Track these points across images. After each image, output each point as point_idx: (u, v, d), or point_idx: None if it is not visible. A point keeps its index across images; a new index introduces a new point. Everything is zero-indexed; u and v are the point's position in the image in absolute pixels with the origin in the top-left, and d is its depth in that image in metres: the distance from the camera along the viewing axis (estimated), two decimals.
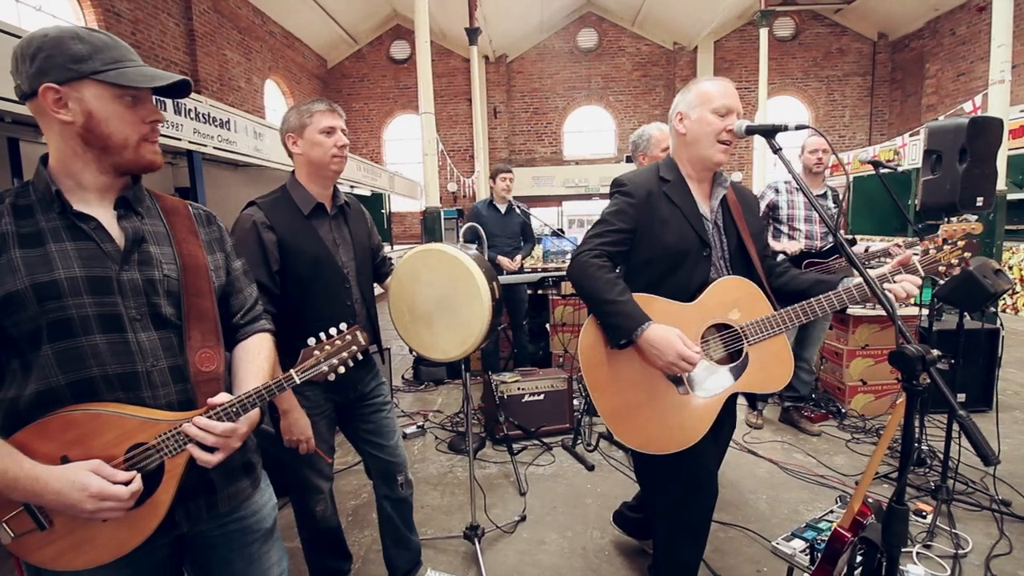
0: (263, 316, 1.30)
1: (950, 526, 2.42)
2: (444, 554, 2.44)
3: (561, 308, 4.81)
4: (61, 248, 0.99)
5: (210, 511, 1.12)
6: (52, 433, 0.96)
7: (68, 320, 0.97)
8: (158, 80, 1.02)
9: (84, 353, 0.98)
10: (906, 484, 1.14)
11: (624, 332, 1.53)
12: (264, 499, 1.24)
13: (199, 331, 1.09)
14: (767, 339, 1.58)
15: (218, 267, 1.19)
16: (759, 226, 1.80)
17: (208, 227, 1.21)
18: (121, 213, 1.06)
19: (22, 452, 0.94)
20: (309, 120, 1.77)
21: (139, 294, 1.04)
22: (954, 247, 1.56)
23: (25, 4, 7.00)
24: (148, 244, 1.07)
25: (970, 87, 10.88)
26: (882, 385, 3.83)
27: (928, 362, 1.06)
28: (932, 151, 2.84)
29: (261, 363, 1.20)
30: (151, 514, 1.01)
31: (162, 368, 1.04)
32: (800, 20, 14.13)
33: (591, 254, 1.61)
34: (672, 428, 1.60)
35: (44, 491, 0.93)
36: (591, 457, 3.30)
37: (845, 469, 3.07)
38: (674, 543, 1.80)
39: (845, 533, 1.67)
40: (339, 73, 14.95)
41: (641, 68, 14.75)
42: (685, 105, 1.66)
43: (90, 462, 0.96)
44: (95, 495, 0.93)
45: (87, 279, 0.99)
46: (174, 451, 1.02)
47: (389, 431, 2.03)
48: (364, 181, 8.77)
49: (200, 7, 9.26)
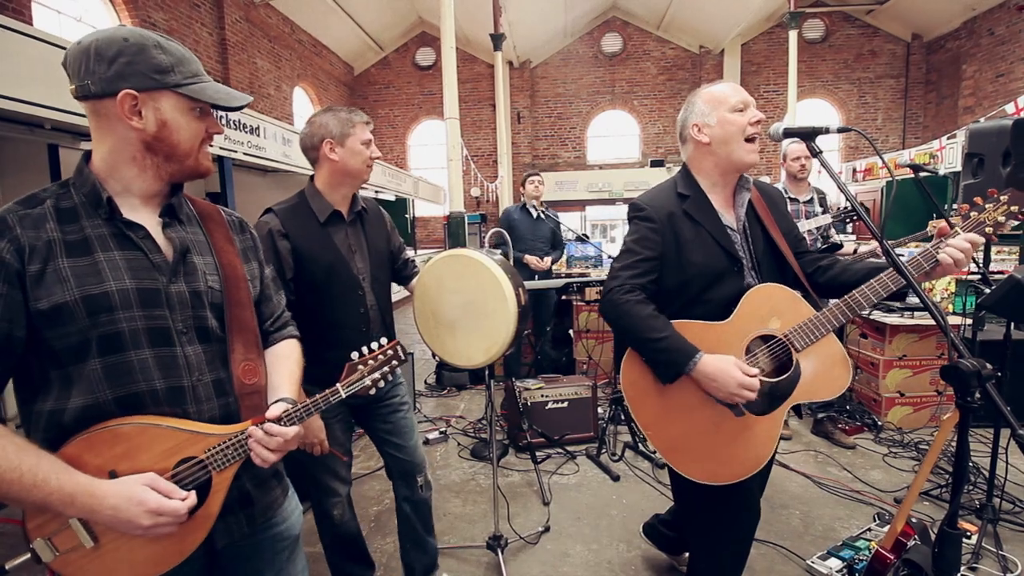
0: (291, 323, 1.30)
1: (996, 547, 2.30)
2: (466, 564, 2.41)
3: (585, 314, 4.75)
4: (110, 258, 0.96)
5: (249, 524, 1.11)
6: (100, 447, 0.94)
7: (119, 334, 0.95)
8: (234, 100, 1.05)
9: (132, 368, 0.96)
10: (959, 507, 1.07)
11: (675, 368, 1.46)
12: (292, 506, 1.24)
13: (241, 343, 1.09)
14: (816, 342, 1.48)
15: (254, 276, 1.18)
16: (789, 223, 1.70)
17: (242, 235, 1.20)
18: (166, 221, 1.05)
19: (73, 466, 0.91)
20: (351, 130, 1.81)
21: (186, 307, 1.02)
22: (997, 203, 1.38)
23: (66, 15, 7.25)
24: (192, 255, 1.06)
25: (1010, 88, 10.50)
26: (921, 397, 3.69)
27: (984, 378, 1.00)
28: (974, 154, 2.73)
29: (292, 368, 1.20)
30: (197, 529, 1.00)
31: (207, 382, 1.03)
32: (830, 21, 13.84)
33: (622, 291, 1.53)
34: (735, 455, 1.51)
35: (100, 507, 0.90)
36: (616, 467, 3.24)
37: (882, 484, 2.95)
38: (712, 566, 1.71)
39: (887, 554, 1.60)
40: (365, 80, 15.15)
41: (666, 72, 14.61)
42: (698, 115, 1.57)
43: (144, 476, 0.94)
44: (153, 510, 0.91)
45: (137, 291, 0.97)
46: (223, 465, 1.01)
47: (407, 431, 2.03)
48: (389, 186, 8.84)
49: (232, 17, 9.48)
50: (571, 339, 4.99)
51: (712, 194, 1.62)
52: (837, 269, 1.61)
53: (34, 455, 0.88)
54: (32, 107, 3.01)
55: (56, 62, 3.69)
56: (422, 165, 15.11)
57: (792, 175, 3.36)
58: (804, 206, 3.26)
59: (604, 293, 1.59)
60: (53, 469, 0.89)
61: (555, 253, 4.84)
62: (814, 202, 3.38)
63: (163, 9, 8.18)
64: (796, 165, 3.33)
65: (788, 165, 3.35)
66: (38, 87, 3.03)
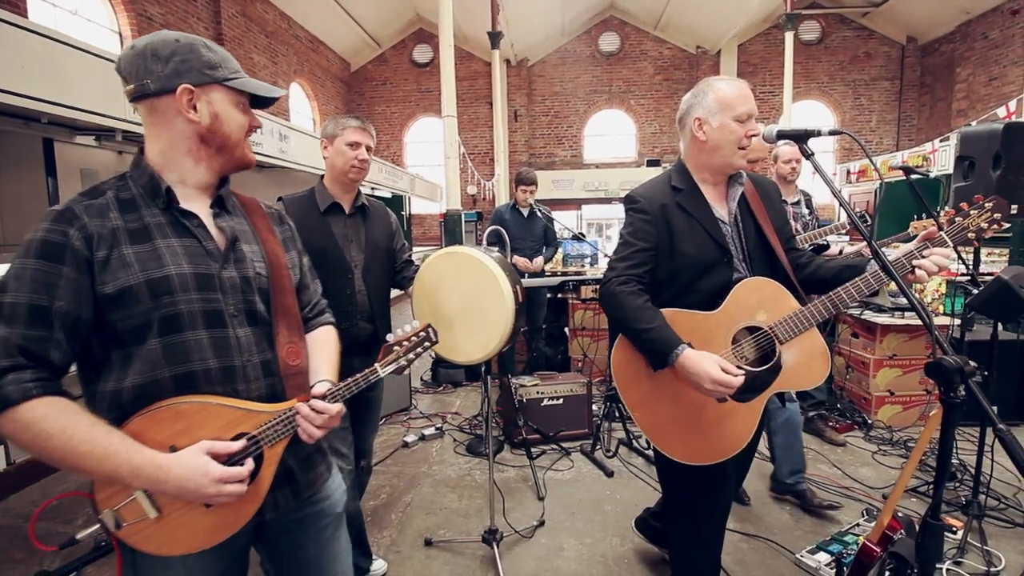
0: (327, 310, 1.37)
1: (981, 542, 2.35)
2: (462, 557, 2.44)
3: (581, 312, 4.79)
4: (168, 244, 1.03)
5: (295, 498, 1.17)
6: (162, 424, 1.00)
7: (178, 315, 1.01)
8: (272, 92, 1.15)
9: (189, 347, 1.02)
10: (942, 499, 1.11)
11: (660, 357, 1.52)
12: (336, 483, 1.29)
13: (285, 327, 1.15)
14: (799, 335, 1.54)
15: (294, 264, 1.24)
16: (782, 218, 1.74)
17: (281, 225, 1.28)
18: (216, 212, 1.12)
19: (137, 440, 0.97)
20: (340, 132, 1.99)
21: (237, 291, 1.09)
22: (981, 209, 1.44)
23: (61, 8, 7.21)
24: (240, 243, 1.13)
25: (1003, 92, 10.59)
26: (910, 396, 3.74)
27: (967, 374, 1.03)
28: (965, 157, 2.77)
29: (330, 352, 1.26)
30: (252, 500, 1.06)
31: (255, 363, 1.09)
32: (826, 24, 13.91)
33: (618, 281, 1.59)
34: (716, 438, 1.58)
35: (167, 478, 0.95)
36: (610, 463, 3.28)
37: (871, 481, 3.00)
38: (685, 547, 1.80)
39: (874, 548, 1.63)
40: (362, 76, 15.12)
41: (663, 72, 14.65)
42: (704, 111, 1.60)
43: (201, 444, 0.99)
44: (217, 478, 0.97)
45: (194, 276, 1.03)
46: (273, 440, 1.07)
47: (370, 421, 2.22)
48: (385, 183, 8.85)
49: (229, 11, 9.45)
50: (566, 337, 5.02)
51: (705, 187, 1.66)
52: (813, 266, 1.68)
53: (105, 429, 0.94)
54: (28, 100, 3.00)
55: (52, 56, 3.69)
56: (418, 162, 15.10)
57: (782, 177, 3.33)
58: (792, 208, 3.28)
59: (602, 283, 1.65)
60: (122, 443, 0.94)
61: (548, 251, 4.85)
62: (801, 204, 3.39)
63: (159, 3, 8.14)
64: (787, 167, 3.30)
65: (779, 167, 3.30)
66: (34, 80, 3.03)
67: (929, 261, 1.40)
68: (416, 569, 2.37)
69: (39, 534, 2.65)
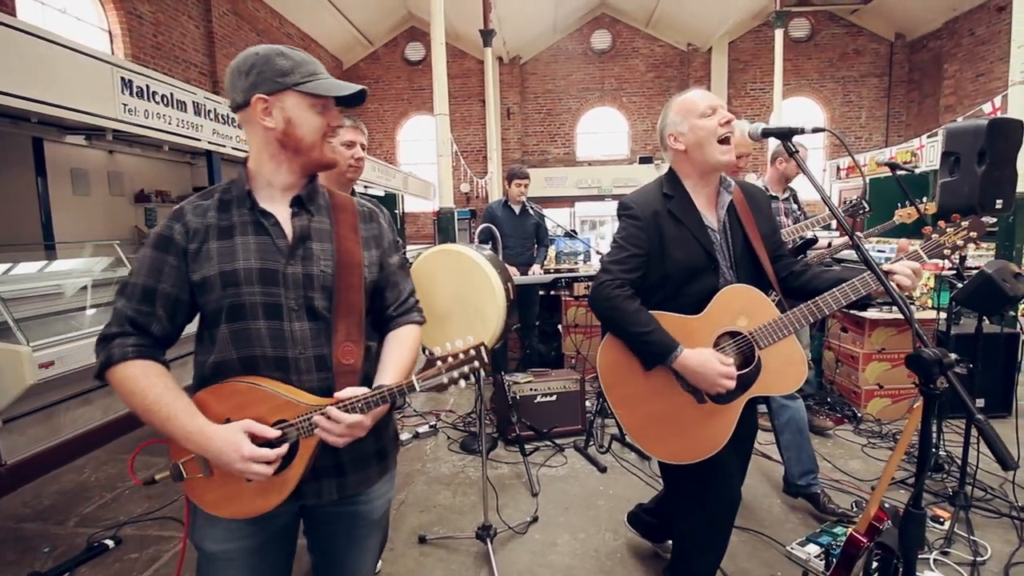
0: (415, 309, 1.37)
1: (968, 533, 2.39)
2: (456, 553, 2.46)
3: (574, 309, 4.81)
4: (245, 241, 1.14)
5: (340, 491, 1.21)
6: (222, 397, 1.12)
7: (241, 305, 1.12)
8: (344, 90, 1.17)
9: (251, 334, 1.12)
10: (923, 489, 1.14)
11: (658, 359, 1.57)
12: (383, 489, 1.31)
13: (345, 325, 1.18)
14: (777, 342, 1.58)
15: (372, 263, 1.26)
16: (770, 226, 1.77)
17: (369, 224, 1.29)
18: (295, 211, 1.18)
19: (200, 409, 1.10)
20: None
21: (299, 287, 1.14)
22: (958, 228, 1.50)
23: (50, 7, 7.15)
24: (312, 241, 1.18)
25: (989, 88, 10.70)
26: (899, 389, 3.79)
27: (945, 366, 1.06)
28: (950, 153, 2.80)
29: (404, 352, 1.27)
30: (282, 486, 1.12)
31: (308, 356, 1.14)
32: (816, 21, 13.99)
33: (613, 285, 1.61)
34: (695, 438, 1.62)
35: (209, 446, 1.07)
36: (603, 459, 3.30)
37: (860, 474, 3.04)
38: (693, 550, 1.81)
39: (861, 538, 1.66)
40: (354, 74, 15.05)
41: (655, 69, 14.69)
42: (672, 126, 1.66)
43: (243, 422, 1.09)
44: (246, 456, 1.05)
45: (260, 270, 1.13)
46: (308, 432, 1.11)
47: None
48: (378, 181, 8.83)
49: (219, 10, 9.39)
50: (560, 334, 5.04)
51: (695, 195, 1.69)
52: (808, 276, 1.70)
53: (173, 395, 1.09)
54: (17, 100, 2.99)
55: (41, 55, 3.66)
56: (411, 160, 15.07)
57: (787, 177, 3.31)
58: (783, 203, 3.30)
59: (595, 285, 1.66)
60: (184, 409, 1.09)
61: (541, 251, 4.85)
62: (790, 199, 3.42)
63: (149, 1, 8.08)
64: (796, 169, 3.30)
65: (787, 167, 3.25)
66: (23, 80, 3.01)
67: (900, 265, 1.44)
68: (410, 566, 2.39)
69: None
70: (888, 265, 1.46)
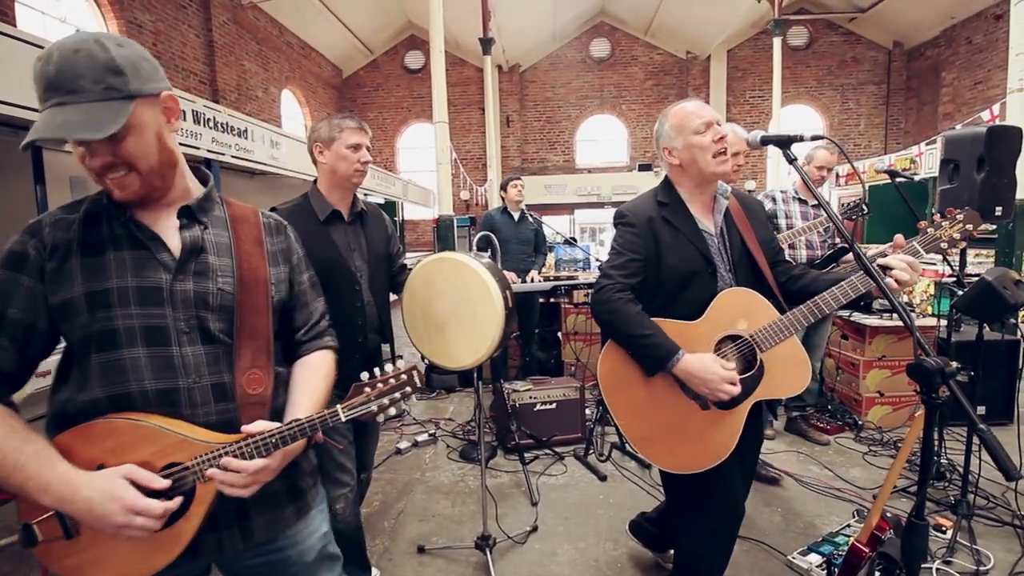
0: (327, 332, 1.24)
1: (971, 542, 2.37)
2: (455, 564, 2.44)
3: (573, 316, 4.80)
4: (119, 256, 0.98)
5: (245, 540, 1.05)
6: (94, 439, 0.94)
7: (113, 331, 0.95)
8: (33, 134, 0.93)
9: (125, 366, 0.96)
10: (926, 498, 1.12)
11: (659, 363, 1.55)
12: (309, 529, 1.14)
13: (250, 350, 1.04)
14: (779, 344, 1.57)
15: (280, 280, 1.13)
16: (767, 232, 1.77)
17: (275, 237, 1.17)
18: (184, 223, 1.03)
19: (64, 455, 0.92)
20: (339, 134, 1.88)
21: (189, 306, 1.00)
22: (953, 221, 1.48)
23: (50, 16, 7.19)
24: (207, 254, 1.04)
25: (987, 95, 10.75)
26: (900, 397, 3.77)
27: (947, 375, 1.05)
28: (949, 160, 2.81)
29: (317, 382, 1.14)
30: (172, 542, 0.96)
31: (204, 386, 1.00)
32: (814, 29, 14.08)
33: (614, 289, 1.61)
34: (699, 446, 1.60)
35: (74, 497, 0.88)
36: (603, 467, 3.28)
37: (862, 482, 3.02)
38: (696, 562, 1.78)
39: (863, 548, 1.65)
40: (354, 83, 15.14)
41: (654, 77, 14.77)
42: (667, 140, 1.67)
43: (123, 467, 0.92)
44: (128, 507, 0.88)
45: (137, 289, 0.97)
46: (207, 476, 0.96)
47: (371, 433, 2.15)
48: (378, 189, 8.85)
49: (220, 19, 9.44)
50: (559, 341, 5.03)
51: (691, 203, 1.70)
52: (808, 279, 1.69)
53: (21, 439, 0.90)
54: (16, 109, 3.00)
55: None
56: (411, 168, 15.12)
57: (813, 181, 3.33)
58: (812, 209, 3.31)
59: (596, 290, 1.66)
60: (36, 455, 0.90)
61: (539, 259, 4.86)
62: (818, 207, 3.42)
63: (149, 11, 8.13)
64: (818, 174, 3.28)
65: (809, 170, 3.28)
66: (22, 89, 3.02)
67: (895, 259, 1.42)
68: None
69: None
70: (883, 260, 1.44)
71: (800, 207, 3.32)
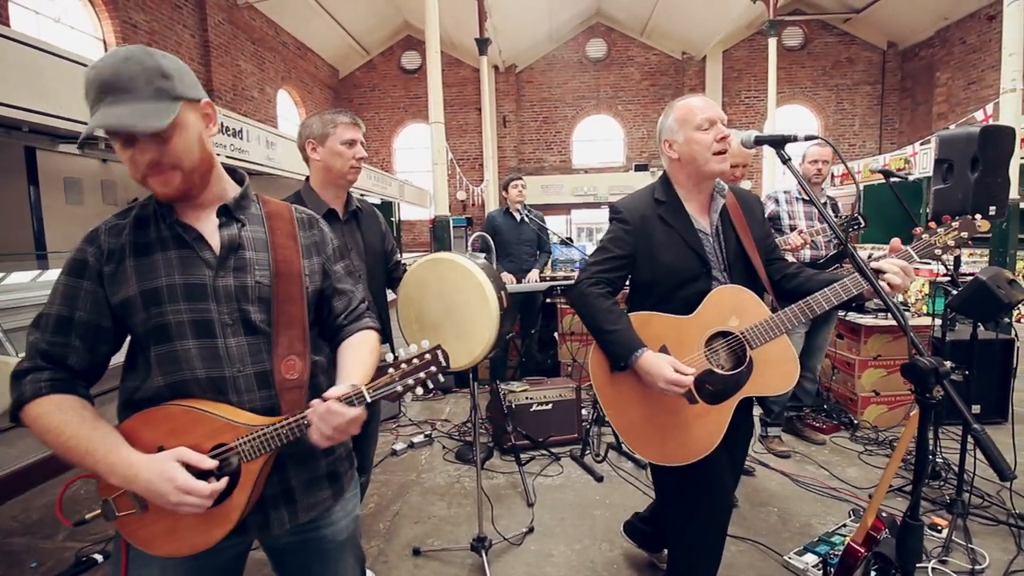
0: (367, 315, 1.30)
1: (966, 541, 2.38)
2: (450, 566, 2.43)
3: (570, 317, 4.80)
4: (166, 256, 1.06)
5: (292, 520, 1.13)
6: (154, 424, 1.04)
7: (166, 325, 1.04)
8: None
9: (179, 356, 1.04)
10: (920, 498, 1.12)
11: (620, 359, 1.58)
12: (345, 511, 1.23)
13: (287, 338, 1.11)
14: (769, 342, 1.58)
15: (313, 271, 1.19)
16: (763, 230, 1.77)
17: (308, 231, 1.23)
18: (222, 221, 1.11)
19: (129, 439, 1.02)
20: (332, 130, 1.83)
21: (231, 299, 1.07)
22: (949, 228, 1.49)
23: (44, 16, 7.15)
24: (245, 250, 1.11)
25: (981, 96, 10.81)
26: (895, 396, 3.78)
27: (941, 374, 1.05)
28: (943, 160, 2.82)
29: (362, 356, 1.19)
30: (224, 518, 1.04)
31: (248, 374, 1.07)
32: (809, 30, 14.14)
33: (589, 282, 1.64)
34: (686, 439, 1.61)
35: (136, 478, 0.98)
36: (600, 468, 3.28)
37: (858, 482, 3.02)
38: (689, 558, 1.78)
39: (859, 548, 1.65)
40: (350, 83, 15.12)
41: (650, 77, 14.80)
42: (669, 132, 1.67)
43: (176, 450, 1.00)
44: (180, 487, 0.97)
45: (184, 286, 1.05)
46: (252, 455, 1.04)
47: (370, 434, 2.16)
48: (374, 190, 8.84)
49: (215, 19, 9.42)
50: (556, 342, 5.03)
51: (688, 201, 1.70)
52: (802, 278, 1.69)
53: (91, 427, 1.01)
54: (8, 109, 2.98)
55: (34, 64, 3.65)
56: (408, 168, 15.11)
57: (807, 178, 3.29)
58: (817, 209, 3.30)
59: (574, 284, 1.69)
60: (104, 441, 1.00)
61: (542, 257, 4.85)
62: (827, 206, 3.41)
63: (144, 11, 8.10)
64: (813, 168, 3.27)
65: (805, 167, 3.30)
66: (15, 88, 3.01)
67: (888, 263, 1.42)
68: None
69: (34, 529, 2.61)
70: (877, 263, 1.44)
71: (804, 207, 3.31)
